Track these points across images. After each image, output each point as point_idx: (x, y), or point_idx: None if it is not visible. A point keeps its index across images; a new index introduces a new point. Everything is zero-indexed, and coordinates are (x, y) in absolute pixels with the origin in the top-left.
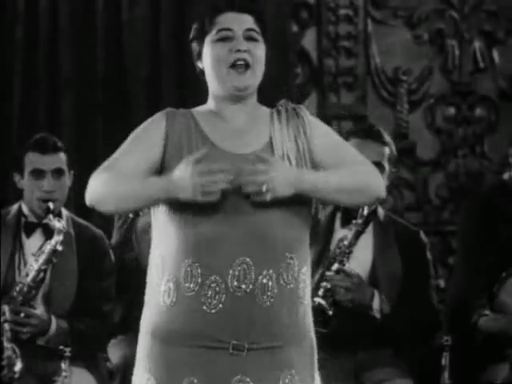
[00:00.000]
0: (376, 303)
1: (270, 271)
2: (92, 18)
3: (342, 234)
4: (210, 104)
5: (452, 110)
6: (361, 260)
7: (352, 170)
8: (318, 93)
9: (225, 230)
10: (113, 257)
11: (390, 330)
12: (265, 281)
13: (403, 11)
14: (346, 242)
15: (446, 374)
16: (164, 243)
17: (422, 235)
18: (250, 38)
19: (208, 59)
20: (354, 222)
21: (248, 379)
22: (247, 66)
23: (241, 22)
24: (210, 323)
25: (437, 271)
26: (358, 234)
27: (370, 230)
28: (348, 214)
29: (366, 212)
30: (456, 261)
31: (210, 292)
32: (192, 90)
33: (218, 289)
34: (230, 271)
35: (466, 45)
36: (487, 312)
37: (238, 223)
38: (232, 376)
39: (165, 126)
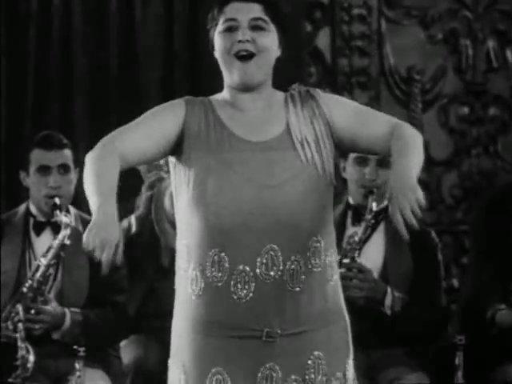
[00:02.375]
0: (388, 300)
1: (298, 256)
2: (105, 18)
3: (352, 231)
4: (226, 93)
5: (465, 110)
6: (372, 258)
7: (412, 130)
8: (331, 92)
9: (249, 218)
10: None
11: (399, 328)
12: (293, 266)
13: (417, 11)
14: (356, 238)
15: (459, 374)
16: (188, 231)
17: (434, 235)
18: (255, 27)
19: (217, 50)
20: (363, 217)
21: (277, 367)
22: (251, 55)
23: (247, 12)
24: (242, 313)
25: (450, 271)
26: (367, 229)
27: (381, 228)
28: (359, 212)
29: (374, 207)
30: (469, 260)
31: (239, 281)
32: (206, 89)
33: (246, 278)
34: (258, 259)
35: (480, 44)
36: (503, 306)
37: (263, 211)
38: (262, 364)
39: (184, 114)
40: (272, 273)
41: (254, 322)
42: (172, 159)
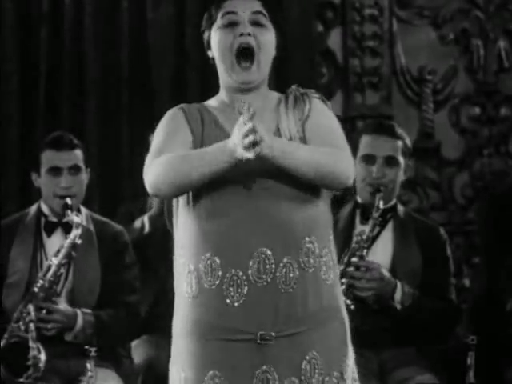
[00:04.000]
0: (398, 294)
1: (290, 257)
2: (117, 18)
3: (360, 229)
4: (222, 94)
5: (477, 110)
6: (381, 257)
7: (326, 151)
8: (343, 93)
9: (240, 222)
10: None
11: (410, 323)
12: (285, 268)
13: (428, 11)
14: (363, 236)
15: (471, 374)
16: (184, 234)
17: (442, 231)
18: (256, 23)
19: (215, 47)
20: (371, 215)
21: (273, 369)
22: (251, 54)
23: (246, 5)
24: (235, 316)
25: (462, 270)
26: (374, 227)
27: (390, 227)
28: (367, 210)
29: (381, 205)
30: (480, 259)
31: (231, 285)
32: (217, 90)
33: (239, 281)
34: (250, 263)
35: (491, 44)
36: None
37: (253, 214)
38: (257, 367)
39: (185, 118)
40: (264, 276)
41: (248, 325)
42: None
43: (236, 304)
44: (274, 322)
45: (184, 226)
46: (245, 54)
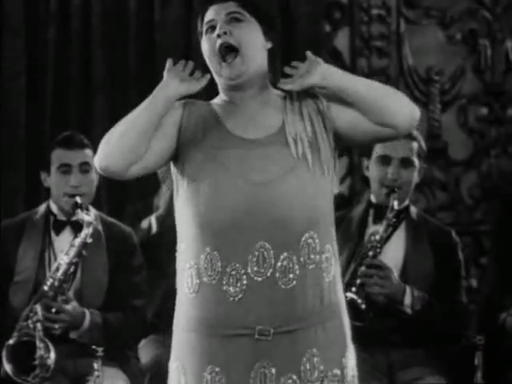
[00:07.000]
0: (408, 299)
1: (290, 253)
2: (124, 18)
3: (373, 229)
4: (222, 95)
5: (484, 110)
6: (393, 257)
7: (385, 87)
8: None
9: (240, 216)
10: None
11: (420, 324)
12: (285, 263)
13: (436, 11)
14: (377, 237)
15: (479, 374)
16: (184, 231)
17: (454, 235)
18: (231, 20)
19: (204, 55)
20: (385, 216)
21: (271, 364)
22: (233, 49)
23: (222, 10)
24: (234, 311)
25: (469, 271)
26: (388, 228)
27: (402, 228)
28: (380, 211)
29: (396, 206)
30: (488, 259)
31: (231, 279)
32: None
33: (238, 276)
34: (249, 257)
35: (499, 45)
36: None
37: (253, 208)
38: (255, 362)
39: (180, 114)
40: (263, 270)
41: (247, 320)
42: (171, 161)
43: (235, 299)
44: (273, 318)
45: (184, 221)
46: (227, 52)
